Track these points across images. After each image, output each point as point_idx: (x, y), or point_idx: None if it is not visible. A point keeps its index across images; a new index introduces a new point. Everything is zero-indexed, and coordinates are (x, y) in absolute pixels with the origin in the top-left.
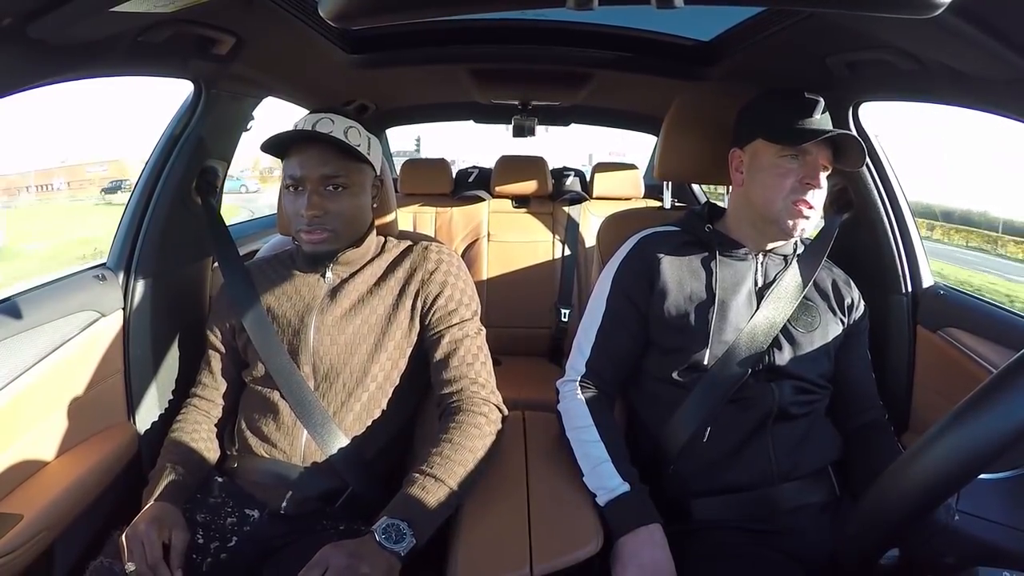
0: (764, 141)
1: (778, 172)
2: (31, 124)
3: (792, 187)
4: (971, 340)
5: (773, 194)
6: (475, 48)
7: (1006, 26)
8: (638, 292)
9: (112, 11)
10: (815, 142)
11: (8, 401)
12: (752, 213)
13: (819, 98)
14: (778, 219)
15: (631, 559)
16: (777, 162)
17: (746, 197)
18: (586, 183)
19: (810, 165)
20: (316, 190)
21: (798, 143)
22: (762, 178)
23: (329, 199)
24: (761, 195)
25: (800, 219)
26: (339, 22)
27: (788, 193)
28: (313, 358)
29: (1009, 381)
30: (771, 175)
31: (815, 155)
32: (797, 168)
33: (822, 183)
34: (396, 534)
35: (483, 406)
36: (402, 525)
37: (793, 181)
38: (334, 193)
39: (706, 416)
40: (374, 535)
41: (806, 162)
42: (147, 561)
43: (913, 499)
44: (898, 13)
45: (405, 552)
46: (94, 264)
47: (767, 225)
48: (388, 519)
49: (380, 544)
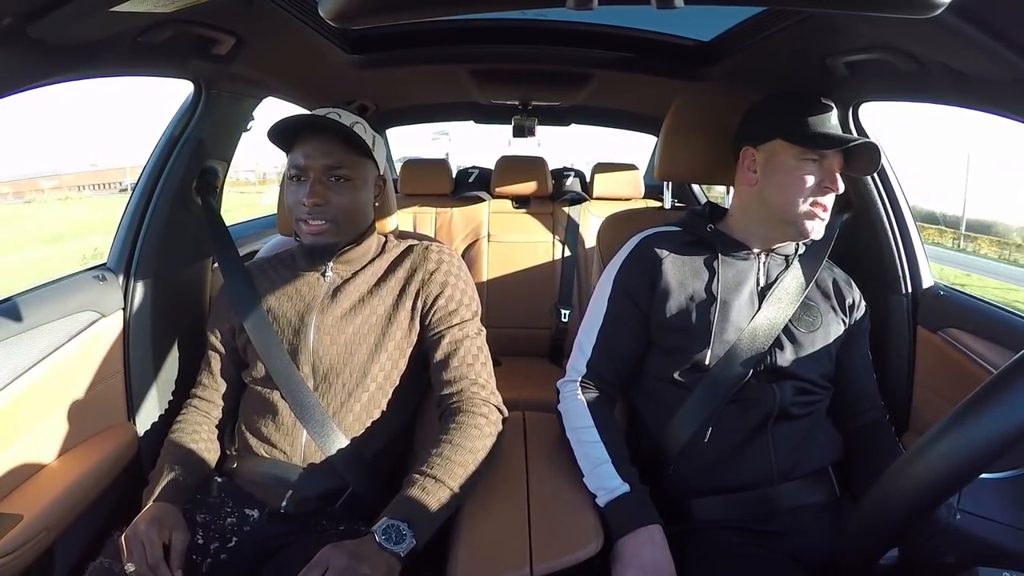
0: (784, 142)
1: (799, 174)
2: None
3: (812, 189)
4: (971, 340)
5: (793, 196)
6: (475, 48)
7: (1006, 26)
8: (639, 292)
9: (112, 11)
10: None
11: (8, 401)
12: (766, 213)
13: (832, 103)
14: (796, 221)
15: (631, 560)
16: (799, 164)
17: (760, 197)
18: (586, 183)
19: (828, 169)
20: (319, 179)
21: (824, 148)
22: (780, 179)
23: (331, 190)
24: (780, 196)
25: (817, 221)
26: (339, 22)
27: (808, 195)
28: (313, 358)
29: (1009, 382)
30: (791, 177)
31: (832, 159)
32: (817, 171)
33: (840, 186)
34: (396, 535)
35: (483, 407)
36: (402, 526)
37: (813, 184)
38: (337, 184)
39: (707, 416)
40: (374, 536)
41: (824, 166)
42: (147, 562)
43: (914, 499)
44: (898, 13)
45: (405, 553)
46: (94, 264)
47: (783, 226)
48: (388, 520)
49: (380, 545)
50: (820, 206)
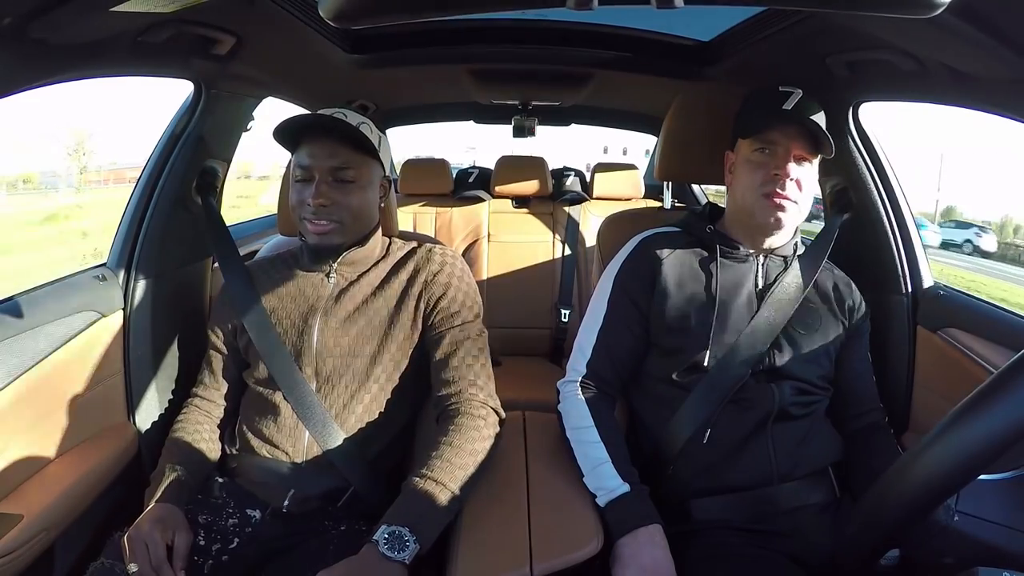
0: (741, 139)
1: (750, 166)
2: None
3: (763, 180)
4: (971, 340)
5: (746, 189)
6: (475, 48)
7: (1006, 26)
8: (639, 293)
9: (112, 11)
10: (784, 132)
11: (8, 401)
12: (739, 211)
13: (794, 89)
14: (753, 212)
15: (631, 560)
16: (750, 157)
17: (732, 197)
18: (586, 183)
19: (780, 156)
20: (325, 180)
21: (762, 132)
22: (738, 174)
23: (337, 190)
24: (739, 191)
25: (775, 212)
26: (339, 22)
27: (759, 186)
28: (316, 360)
29: (1008, 382)
30: (745, 170)
31: (785, 145)
32: (767, 160)
33: (792, 173)
34: (399, 543)
35: (481, 409)
36: (404, 531)
37: (763, 174)
38: (342, 185)
39: (706, 417)
40: (376, 546)
41: (776, 153)
42: (151, 563)
43: (913, 499)
44: (898, 13)
45: (409, 560)
46: (94, 264)
47: (750, 221)
48: (389, 527)
49: (383, 555)
50: (774, 195)
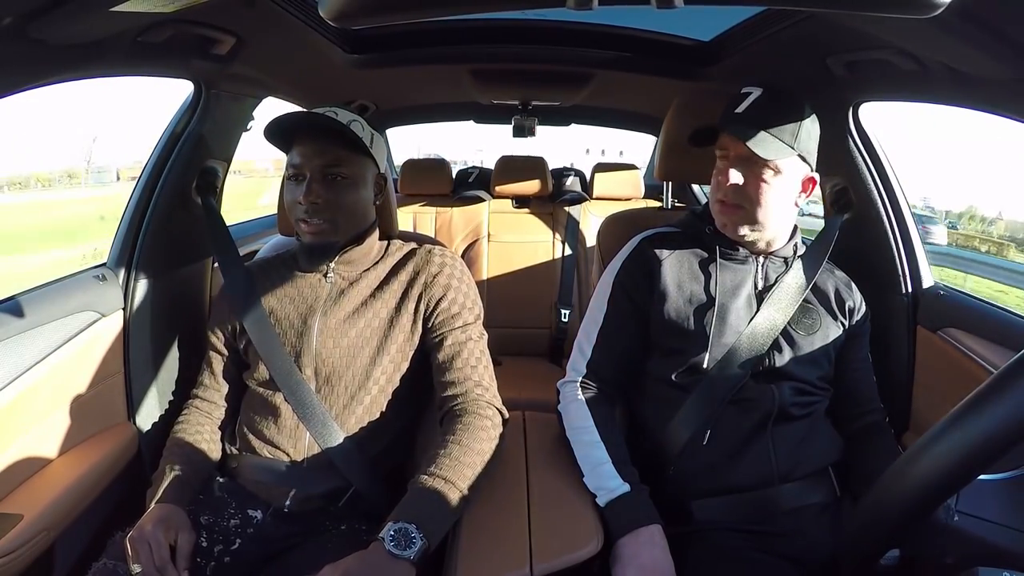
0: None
1: (714, 172)
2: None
3: (715, 186)
4: (971, 340)
5: (711, 194)
6: (475, 48)
7: (1006, 26)
8: (639, 293)
9: (112, 11)
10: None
11: (8, 401)
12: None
13: (753, 89)
14: (717, 219)
15: (631, 560)
16: (717, 162)
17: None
18: (586, 183)
19: (728, 159)
20: (316, 179)
21: (720, 136)
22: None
23: (329, 189)
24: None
25: (722, 217)
26: (339, 22)
27: (713, 192)
28: (315, 361)
29: (1008, 382)
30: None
31: (734, 149)
32: (723, 167)
33: (733, 178)
34: (405, 539)
35: (487, 409)
36: (410, 528)
37: (716, 180)
38: (334, 183)
39: (706, 418)
40: (382, 543)
41: (728, 157)
42: (154, 563)
43: (913, 500)
44: (898, 13)
45: (416, 558)
46: (94, 264)
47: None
48: (395, 523)
49: (390, 552)
50: (719, 201)
